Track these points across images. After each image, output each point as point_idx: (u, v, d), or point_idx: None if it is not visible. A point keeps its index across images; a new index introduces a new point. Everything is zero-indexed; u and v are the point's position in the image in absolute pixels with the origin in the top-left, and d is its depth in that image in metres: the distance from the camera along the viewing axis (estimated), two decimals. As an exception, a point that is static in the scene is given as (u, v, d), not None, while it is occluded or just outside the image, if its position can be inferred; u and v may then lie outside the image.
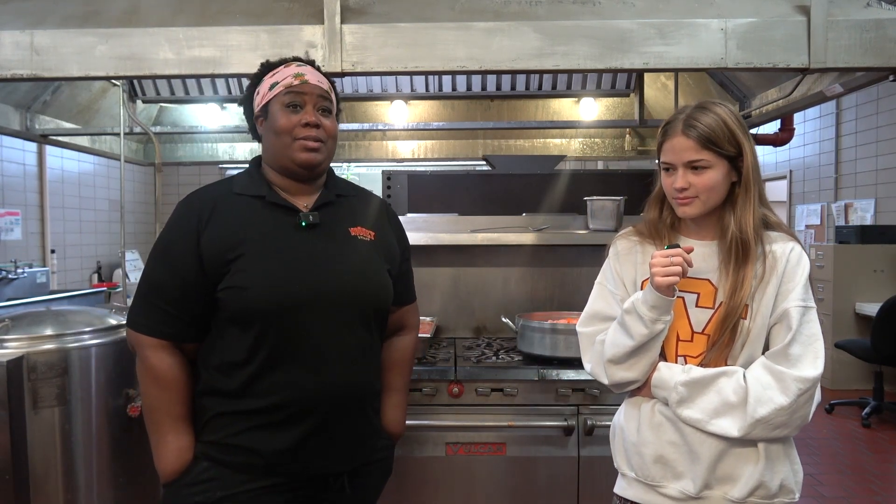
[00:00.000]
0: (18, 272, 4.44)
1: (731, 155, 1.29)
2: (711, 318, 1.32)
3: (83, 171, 6.30)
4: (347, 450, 1.38)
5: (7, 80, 2.00)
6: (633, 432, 1.38)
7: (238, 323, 1.31)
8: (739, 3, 2.01)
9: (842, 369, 5.42)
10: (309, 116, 1.36)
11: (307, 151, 1.36)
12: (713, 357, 1.31)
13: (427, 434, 2.17)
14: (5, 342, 1.85)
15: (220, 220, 1.35)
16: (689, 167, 1.29)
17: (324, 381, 1.32)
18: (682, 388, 1.29)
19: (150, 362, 1.33)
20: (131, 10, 2.03)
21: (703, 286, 1.34)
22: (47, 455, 1.86)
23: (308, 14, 2.01)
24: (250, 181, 1.42)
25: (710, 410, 1.27)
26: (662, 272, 1.25)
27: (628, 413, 1.41)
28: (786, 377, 1.24)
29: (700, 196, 1.30)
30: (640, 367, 1.33)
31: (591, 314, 1.46)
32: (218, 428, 1.33)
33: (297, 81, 1.37)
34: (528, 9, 2.01)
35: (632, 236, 1.46)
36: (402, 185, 2.94)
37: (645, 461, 1.35)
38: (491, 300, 2.86)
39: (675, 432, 1.32)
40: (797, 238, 1.38)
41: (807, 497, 3.38)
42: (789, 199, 7.23)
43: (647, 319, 1.28)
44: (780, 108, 3.01)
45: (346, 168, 7.37)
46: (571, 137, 4.44)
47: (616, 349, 1.33)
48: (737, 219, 1.30)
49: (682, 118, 1.31)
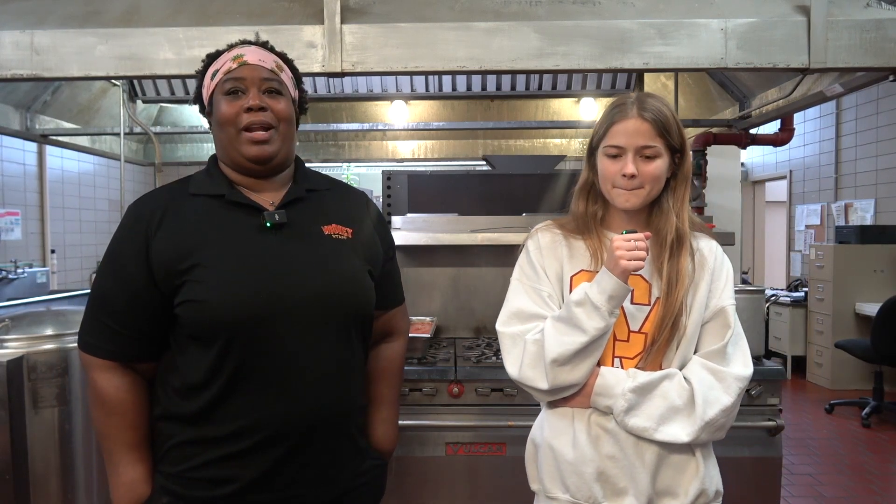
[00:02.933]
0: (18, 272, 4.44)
1: (675, 147, 1.24)
2: (648, 316, 1.26)
3: (83, 171, 6.30)
4: (327, 476, 1.22)
5: (7, 80, 2.00)
6: (568, 449, 1.25)
7: (198, 340, 1.15)
8: (739, 3, 2.01)
9: (842, 369, 5.41)
10: (251, 100, 1.18)
11: (255, 144, 1.19)
12: (651, 358, 1.24)
13: (427, 434, 2.17)
14: (5, 342, 1.85)
15: (171, 225, 1.18)
16: (640, 153, 1.22)
17: (296, 401, 1.16)
18: (631, 395, 1.20)
19: (98, 385, 1.19)
20: (131, 10, 2.03)
21: (637, 282, 1.26)
22: (47, 455, 1.86)
23: (308, 14, 2.01)
24: (208, 180, 1.25)
25: (657, 417, 1.19)
26: (629, 255, 1.16)
27: (557, 427, 1.29)
28: (727, 376, 1.21)
29: (645, 186, 1.23)
30: (585, 368, 1.22)
31: (514, 313, 1.31)
32: (179, 459, 1.18)
33: (235, 64, 1.20)
34: (528, 9, 2.01)
35: (554, 229, 1.35)
36: (402, 185, 2.94)
37: (585, 480, 1.23)
38: (491, 300, 2.86)
39: (614, 445, 1.22)
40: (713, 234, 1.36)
41: (807, 497, 3.38)
42: (789, 199, 7.23)
43: (605, 310, 1.18)
44: (780, 108, 3.01)
45: (346, 168, 7.37)
46: (571, 137, 4.45)
47: (563, 348, 1.20)
48: (676, 210, 1.25)
49: (633, 102, 1.24)
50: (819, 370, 5.66)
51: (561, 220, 1.37)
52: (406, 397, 2.18)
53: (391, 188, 2.94)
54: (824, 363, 5.54)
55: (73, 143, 3.97)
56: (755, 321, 2.34)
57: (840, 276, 5.49)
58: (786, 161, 7.29)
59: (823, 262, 5.64)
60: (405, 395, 2.18)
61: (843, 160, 6.35)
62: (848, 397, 5.05)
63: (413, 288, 2.83)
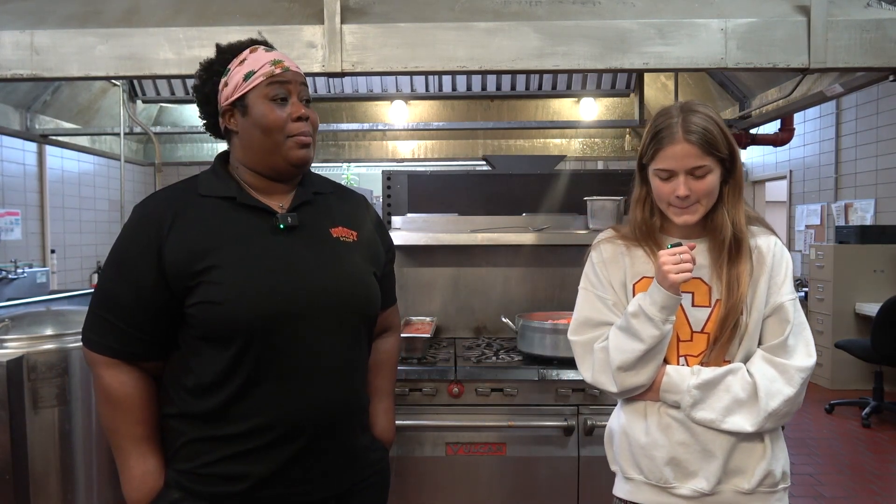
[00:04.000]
0: (18, 272, 4.44)
1: (726, 158, 1.29)
2: (710, 317, 1.32)
3: (83, 171, 6.30)
4: (337, 471, 1.26)
5: (7, 80, 2.00)
6: (642, 435, 1.35)
7: (212, 341, 1.17)
8: (739, 3, 2.01)
9: (842, 369, 5.41)
10: (299, 109, 1.23)
11: (303, 148, 1.24)
12: (714, 355, 1.31)
13: (427, 434, 2.17)
14: (5, 342, 1.85)
15: (184, 227, 1.19)
16: (691, 174, 1.28)
17: (311, 399, 1.20)
18: (696, 391, 1.29)
19: (103, 381, 1.20)
20: (131, 10, 2.03)
21: (697, 285, 1.33)
22: (47, 455, 1.86)
23: (308, 14, 2.01)
24: (217, 181, 1.27)
25: (723, 409, 1.28)
26: (676, 269, 1.24)
27: (631, 417, 1.38)
28: (789, 368, 1.27)
29: (701, 201, 1.29)
30: (649, 371, 1.31)
31: (583, 321, 1.42)
32: (191, 455, 1.20)
33: (278, 70, 1.23)
34: (528, 9, 2.01)
35: (616, 240, 1.43)
36: (402, 185, 2.94)
37: (656, 464, 1.33)
38: (491, 300, 2.86)
39: (685, 433, 1.31)
40: (774, 231, 1.41)
41: (807, 497, 3.38)
42: (789, 199, 7.24)
43: (658, 320, 1.27)
44: (780, 108, 3.01)
45: (346, 168, 7.37)
46: (571, 137, 4.44)
47: (625, 355, 1.31)
48: (732, 217, 1.31)
49: (678, 123, 1.27)
50: (819, 370, 5.66)
51: (621, 229, 1.44)
52: (406, 397, 2.18)
53: (391, 188, 2.94)
54: (824, 363, 5.54)
55: (73, 143, 3.97)
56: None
57: (840, 276, 5.49)
58: (786, 161, 7.30)
59: (823, 262, 5.64)
60: (405, 395, 2.18)
61: (843, 160, 6.35)
62: (848, 397, 5.05)
63: (413, 288, 2.83)
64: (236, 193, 1.24)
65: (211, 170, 1.31)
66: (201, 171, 1.31)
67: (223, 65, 1.26)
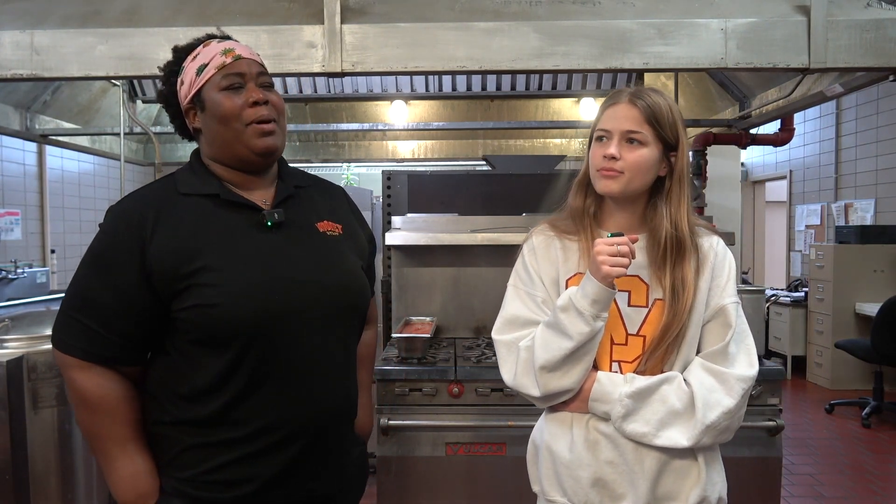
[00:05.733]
0: (18, 272, 4.44)
1: (669, 142, 1.21)
2: (647, 318, 1.23)
3: (83, 171, 6.30)
4: (339, 468, 1.25)
5: (7, 80, 2.00)
6: (566, 451, 1.24)
7: (207, 345, 1.12)
8: (739, 3, 2.01)
9: (842, 369, 5.41)
10: (255, 93, 1.17)
11: (264, 136, 1.17)
12: (652, 363, 1.21)
13: (427, 434, 2.17)
14: (5, 342, 1.85)
15: (167, 227, 1.13)
16: (625, 138, 1.19)
17: (312, 397, 1.18)
18: (629, 401, 1.17)
19: (78, 385, 1.13)
20: (131, 10, 2.03)
21: (634, 283, 1.23)
22: (47, 455, 1.86)
23: (308, 14, 2.01)
24: (196, 178, 1.21)
25: (656, 422, 1.17)
26: (611, 261, 1.13)
27: (555, 431, 1.27)
28: (729, 378, 1.18)
29: (626, 172, 1.19)
30: (577, 374, 1.19)
31: (509, 319, 1.30)
32: (191, 463, 1.15)
33: (229, 59, 1.18)
34: (528, 9, 2.01)
35: (547, 231, 1.32)
36: (402, 185, 2.94)
37: (581, 485, 1.21)
38: (491, 300, 2.86)
39: (613, 450, 1.20)
40: (718, 232, 1.31)
41: (807, 497, 3.38)
42: (789, 199, 7.23)
43: (589, 315, 1.15)
44: (780, 108, 3.01)
45: (346, 168, 7.38)
46: (571, 137, 4.45)
47: (550, 353, 1.19)
48: (670, 214, 1.21)
49: (629, 90, 1.23)
50: (819, 370, 5.66)
51: (555, 219, 1.33)
52: (406, 397, 2.18)
53: (391, 188, 2.94)
54: (824, 363, 5.54)
55: (72, 143, 3.98)
56: (755, 321, 2.34)
57: (840, 276, 5.49)
58: (786, 161, 7.29)
59: (823, 262, 5.64)
60: (405, 394, 2.18)
61: (843, 160, 6.35)
62: (848, 397, 5.05)
63: (413, 288, 2.83)
64: (219, 190, 1.19)
65: (188, 167, 1.25)
66: (176, 170, 1.27)
67: (178, 64, 1.23)
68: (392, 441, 2.16)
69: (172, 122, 1.30)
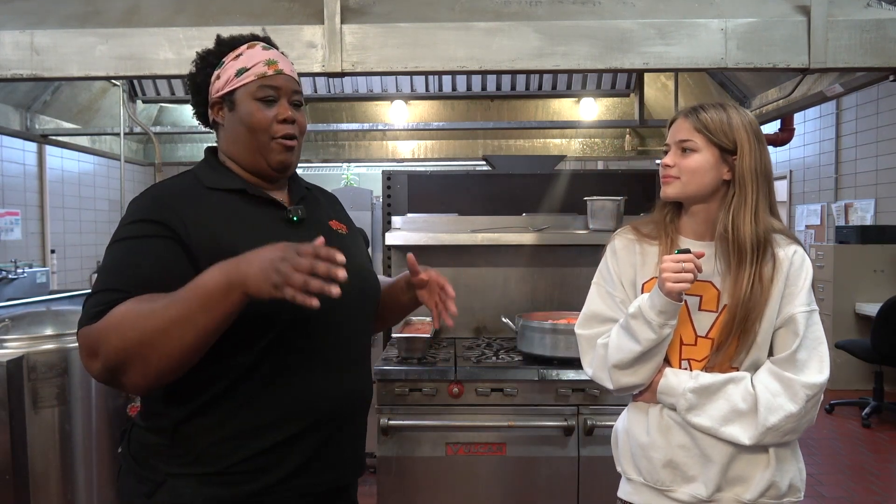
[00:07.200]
0: (18, 272, 4.44)
1: (725, 147, 1.28)
2: (715, 322, 1.30)
3: (83, 171, 6.30)
4: (357, 455, 1.28)
5: (7, 80, 2.00)
6: (642, 435, 1.35)
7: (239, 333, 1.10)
8: (739, 3, 2.01)
9: (842, 369, 5.41)
10: (286, 111, 1.21)
11: (284, 152, 1.21)
12: (718, 361, 1.29)
13: (427, 434, 2.17)
14: (5, 342, 1.85)
15: (201, 214, 1.14)
16: (680, 147, 1.31)
17: (339, 385, 1.21)
18: (691, 395, 1.27)
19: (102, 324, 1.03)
20: (131, 10, 2.03)
21: (706, 289, 1.31)
22: (47, 455, 1.86)
23: (308, 14, 2.01)
24: (218, 175, 1.23)
25: (720, 418, 1.26)
26: (674, 278, 1.22)
27: (634, 417, 1.39)
28: (794, 384, 1.24)
29: (682, 177, 1.30)
30: (646, 372, 1.31)
31: (590, 315, 1.42)
32: (219, 455, 1.14)
33: (270, 71, 1.21)
34: (528, 9, 2.01)
35: (629, 234, 1.42)
36: (402, 185, 2.94)
37: (654, 465, 1.32)
38: (491, 300, 2.86)
39: (685, 436, 1.30)
40: (799, 241, 1.37)
41: (807, 497, 3.38)
42: (789, 199, 7.23)
43: (656, 324, 1.25)
44: (780, 108, 3.01)
45: (346, 168, 7.37)
46: (571, 137, 4.44)
47: (622, 354, 1.30)
48: (729, 218, 1.28)
49: (688, 107, 1.35)
50: (819, 370, 5.66)
51: (640, 222, 1.43)
52: (406, 397, 2.18)
53: (391, 188, 2.94)
54: (824, 363, 5.54)
55: (73, 143, 3.97)
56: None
57: (840, 276, 5.49)
58: (786, 161, 7.30)
59: (823, 262, 5.64)
60: (405, 394, 2.18)
61: (843, 160, 6.35)
62: (848, 397, 5.05)
63: (413, 288, 2.83)
64: (245, 186, 1.22)
65: (205, 164, 1.26)
66: (193, 167, 1.27)
67: (218, 57, 1.24)
68: (392, 441, 2.16)
69: (195, 108, 1.30)
